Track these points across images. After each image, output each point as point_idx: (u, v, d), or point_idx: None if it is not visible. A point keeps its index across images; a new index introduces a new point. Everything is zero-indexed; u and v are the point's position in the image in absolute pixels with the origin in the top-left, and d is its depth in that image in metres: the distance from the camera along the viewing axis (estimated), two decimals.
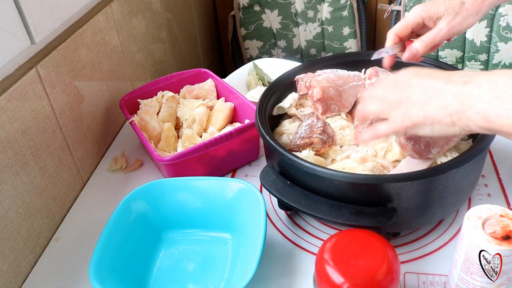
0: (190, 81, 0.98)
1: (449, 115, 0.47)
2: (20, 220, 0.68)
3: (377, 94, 0.56)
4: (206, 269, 0.65)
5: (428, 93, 0.49)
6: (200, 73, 0.99)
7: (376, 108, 0.55)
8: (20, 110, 0.67)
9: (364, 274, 0.49)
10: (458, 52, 1.41)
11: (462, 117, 0.46)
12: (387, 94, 0.54)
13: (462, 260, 0.51)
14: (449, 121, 0.48)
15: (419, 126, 0.51)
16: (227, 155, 0.79)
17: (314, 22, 1.61)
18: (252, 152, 0.85)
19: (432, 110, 0.49)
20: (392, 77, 0.56)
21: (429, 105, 0.49)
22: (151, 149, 0.76)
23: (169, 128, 0.86)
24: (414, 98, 0.51)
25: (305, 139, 0.70)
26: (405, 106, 0.51)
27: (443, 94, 0.48)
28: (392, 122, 0.53)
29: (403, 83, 0.53)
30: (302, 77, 0.78)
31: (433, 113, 0.49)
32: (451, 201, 0.62)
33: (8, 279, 0.65)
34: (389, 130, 0.54)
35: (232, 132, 0.77)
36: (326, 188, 0.60)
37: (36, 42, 0.72)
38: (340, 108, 0.74)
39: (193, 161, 0.76)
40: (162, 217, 0.70)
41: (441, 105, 0.48)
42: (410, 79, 0.53)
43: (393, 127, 0.53)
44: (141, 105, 0.91)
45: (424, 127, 0.51)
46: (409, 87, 0.52)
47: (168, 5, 1.36)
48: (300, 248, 0.68)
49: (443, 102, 0.48)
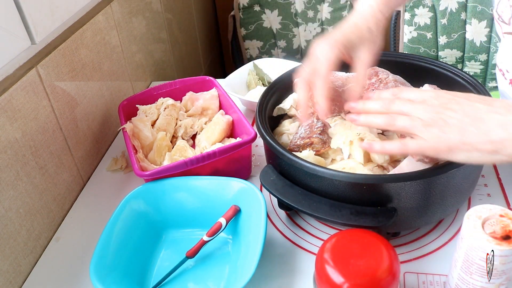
0: (194, 88, 0.96)
1: (491, 143, 0.47)
2: (21, 220, 0.68)
3: (405, 107, 0.54)
4: (206, 269, 0.65)
5: (468, 119, 0.49)
6: (205, 81, 0.97)
7: (406, 124, 0.53)
8: (20, 110, 0.67)
9: (364, 274, 0.49)
10: (458, 52, 1.41)
11: (507, 145, 0.46)
12: (419, 112, 0.52)
13: (462, 260, 0.51)
14: (489, 148, 0.47)
15: (455, 151, 0.50)
16: (213, 173, 0.74)
17: (314, 22, 1.61)
18: (242, 172, 0.79)
19: (473, 137, 0.48)
20: (419, 94, 0.54)
21: (468, 131, 0.48)
22: (133, 160, 0.73)
23: (162, 138, 0.84)
24: (451, 122, 0.50)
25: (305, 139, 0.70)
26: (440, 128, 0.50)
27: (486, 121, 0.48)
28: (425, 142, 0.52)
29: (437, 104, 0.52)
30: None
31: (473, 139, 0.48)
32: (451, 201, 0.62)
33: (9, 279, 0.65)
34: (419, 149, 0.53)
35: (215, 152, 0.72)
36: (326, 188, 0.60)
37: (36, 42, 0.72)
38: (340, 109, 0.74)
39: None
40: (163, 217, 0.70)
41: (483, 132, 0.47)
42: (446, 101, 0.51)
43: (424, 147, 0.52)
44: (138, 112, 0.90)
45: (459, 153, 0.50)
46: (445, 109, 0.51)
47: (168, 5, 1.36)
48: (300, 248, 0.68)
49: (485, 129, 0.47)
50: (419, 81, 0.77)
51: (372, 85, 0.75)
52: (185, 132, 0.90)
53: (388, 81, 0.74)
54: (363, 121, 0.58)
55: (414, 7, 1.40)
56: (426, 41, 1.43)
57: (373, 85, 0.75)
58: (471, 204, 0.72)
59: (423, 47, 1.44)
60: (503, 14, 0.70)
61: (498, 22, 0.73)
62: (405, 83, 0.76)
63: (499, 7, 0.71)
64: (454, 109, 0.51)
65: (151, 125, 0.88)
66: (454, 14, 1.36)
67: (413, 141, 0.53)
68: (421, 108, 0.53)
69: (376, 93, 0.60)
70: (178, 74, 1.44)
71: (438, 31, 1.40)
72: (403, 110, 0.54)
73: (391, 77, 0.75)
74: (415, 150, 0.54)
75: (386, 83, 0.74)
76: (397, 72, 0.78)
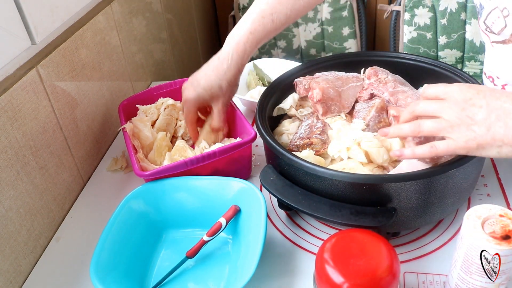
0: None
1: None
2: (21, 220, 0.68)
3: (430, 108, 0.53)
4: (206, 269, 0.65)
5: (495, 114, 0.48)
6: None
7: (433, 127, 0.53)
8: (20, 110, 0.68)
9: (364, 274, 0.49)
10: (458, 52, 1.41)
11: None
12: (445, 112, 0.52)
13: (462, 260, 0.51)
14: None
15: (485, 147, 0.50)
16: (213, 173, 0.75)
17: (314, 22, 1.61)
18: (242, 172, 0.79)
19: (502, 132, 0.48)
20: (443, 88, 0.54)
21: (496, 126, 0.48)
22: (133, 160, 0.73)
23: (162, 138, 0.84)
24: (478, 118, 0.49)
25: (305, 139, 0.70)
26: (468, 126, 0.50)
27: None
28: (454, 142, 0.51)
29: (462, 100, 0.51)
30: (301, 80, 0.78)
31: (502, 135, 0.48)
32: (450, 201, 0.62)
33: (9, 279, 0.65)
34: (449, 150, 0.52)
35: (215, 152, 0.72)
36: (326, 188, 0.60)
37: (36, 42, 0.72)
38: (340, 109, 0.74)
39: None
40: (163, 217, 0.70)
41: (511, 126, 0.47)
42: (471, 96, 0.51)
43: (454, 147, 0.51)
44: (139, 112, 0.90)
45: (490, 149, 0.50)
46: (470, 105, 0.50)
47: (168, 5, 1.36)
48: (300, 248, 0.68)
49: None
50: (419, 81, 0.77)
51: (372, 85, 0.75)
52: (185, 132, 0.90)
53: (388, 81, 0.74)
54: (393, 133, 0.59)
55: (414, 7, 1.40)
56: (426, 41, 1.43)
57: (373, 85, 0.75)
58: (471, 204, 0.72)
59: (423, 47, 1.44)
60: (493, 25, 0.70)
61: (486, 32, 0.73)
62: (405, 83, 0.76)
63: (489, 19, 0.70)
64: (480, 105, 0.50)
65: (151, 125, 0.88)
66: (454, 14, 1.36)
67: (442, 142, 0.53)
68: (446, 107, 0.52)
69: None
70: (178, 74, 1.44)
71: (438, 31, 1.40)
72: (428, 111, 0.54)
73: (391, 77, 0.75)
74: (445, 151, 0.53)
75: (385, 83, 0.74)
76: (397, 72, 0.78)
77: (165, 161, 0.80)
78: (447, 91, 0.53)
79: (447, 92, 0.53)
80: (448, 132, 0.52)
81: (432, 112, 0.53)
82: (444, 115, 0.52)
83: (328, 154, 0.69)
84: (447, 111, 0.52)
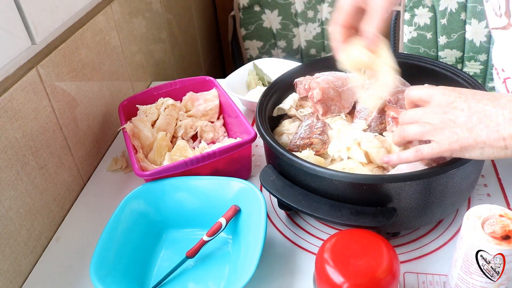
0: (194, 88, 0.96)
1: (503, 139, 0.48)
2: (21, 220, 0.68)
3: (416, 116, 0.55)
4: (206, 269, 0.65)
5: (476, 116, 0.49)
6: (205, 81, 0.97)
7: (417, 131, 0.55)
8: (20, 110, 0.68)
9: (364, 274, 0.49)
10: (458, 52, 1.41)
11: None
12: (428, 116, 0.53)
13: (462, 260, 0.51)
14: (502, 145, 0.48)
15: (468, 149, 0.51)
16: (213, 173, 0.75)
17: (314, 22, 1.61)
18: (242, 172, 0.79)
19: (483, 134, 0.49)
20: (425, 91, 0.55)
21: (478, 128, 0.49)
22: (133, 160, 0.73)
23: (162, 138, 0.84)
24: (460, 121, 0.50)
25: (305, 140, 0.70)
26: (450, 129, 0.51)
27: (494, 118, 0.48)
28: (438, 145, 0.53)
29: (444, 104, 0.52)
30: (301, 80, 0.78)
31: (484, 137, 0.49)
32: (450, 201, 0.62)
33: (9, 279, 0.65)
34: (434, 153, 0.54)
35: (215, 152, 0.72)
36: (326, 188, 0.60)
37: (36, 42, 0.72)
38: (340, 109, 0.74)
39: None
40: (163, 217, 0.70)
41: (493, 129, 0.48)
42: (453, 100, 0.52)
43: (438, 150, 0.53)
44: (139, 112, 0.90)
45: (473, 151, 0.51)
46: (452, 109, 0.51)
47: (168, 6, 1.36)
48: (300, 248, 0.68)
49: (495, 125, 0.48)
50: (419, 81, 0.76)
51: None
52: (185, 132, 0.90)
53: None
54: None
55: (414, 7, 1.40)
56: (426, 41, 1.43)
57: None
58: (471, 204, 0.72)
59: (423, 47, 1.44)
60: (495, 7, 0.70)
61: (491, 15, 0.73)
62: (405, 83, 0.76)
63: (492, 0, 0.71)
64: (461, 108, 0.51)
65: (151, 125, 0.88)
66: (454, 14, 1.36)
67: (427, 146, 0.54)
68: (429, 111, 0.53)
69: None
70: (178, 74, 1.45)
71: (438, 31, 1.40)
72: (414, 118, 0.56)
73: None
74: (430, 154, 0.54)
75: None
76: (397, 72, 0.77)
77: (165, 161, 0.80)
78: (431, 94, 0.55)
79: (431, 95, 0.55)
80: (432, 135, 0.53)
81: (418, 119, 0.55)
82: (429, 119, 0.53)
83: (328, 154, 0.69)
84: (430, 115, 0.53)
